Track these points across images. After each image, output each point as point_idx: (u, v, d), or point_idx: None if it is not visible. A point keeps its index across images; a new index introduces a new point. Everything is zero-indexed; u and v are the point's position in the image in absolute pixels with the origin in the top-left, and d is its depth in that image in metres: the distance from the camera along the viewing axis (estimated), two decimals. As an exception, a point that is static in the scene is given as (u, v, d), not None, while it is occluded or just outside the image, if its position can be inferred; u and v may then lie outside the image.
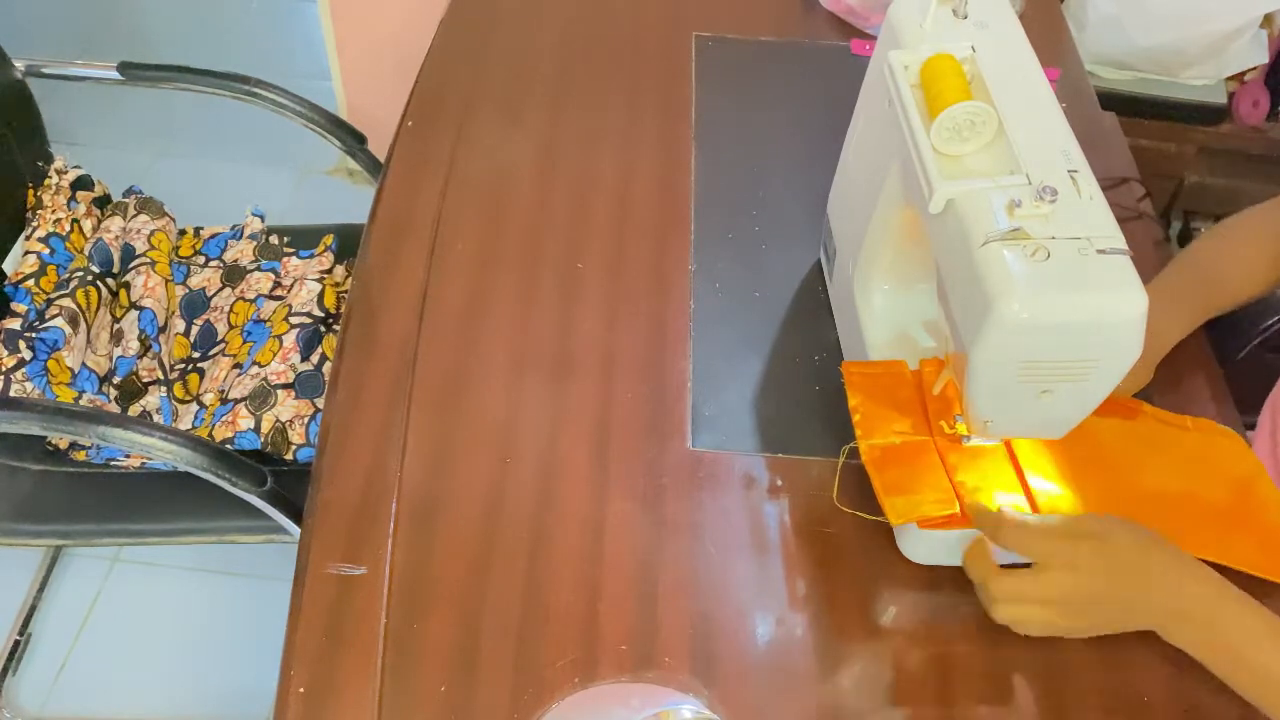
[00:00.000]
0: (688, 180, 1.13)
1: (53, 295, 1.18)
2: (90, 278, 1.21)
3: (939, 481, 0.80)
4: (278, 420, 1.11)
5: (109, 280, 1.25)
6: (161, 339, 1.22)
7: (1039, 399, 0.71)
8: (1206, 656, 0.73)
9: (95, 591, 1.57)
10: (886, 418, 0.83)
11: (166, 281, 1.27)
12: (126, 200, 1.34)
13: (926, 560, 0.83)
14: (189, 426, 1.15)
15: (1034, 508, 0.80)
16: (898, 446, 0.82)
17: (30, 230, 1.25)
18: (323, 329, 1.21)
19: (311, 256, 1.32)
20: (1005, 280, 0.66)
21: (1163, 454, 0.88)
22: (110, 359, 1.19)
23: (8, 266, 1.21)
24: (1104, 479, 0.83)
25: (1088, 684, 0.77)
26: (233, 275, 1.32)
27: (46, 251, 1.22)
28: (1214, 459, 0.89)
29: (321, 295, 1.23)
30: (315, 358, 1.18)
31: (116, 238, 1.28)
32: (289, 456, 1.11)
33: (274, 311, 1.24)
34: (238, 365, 1.20)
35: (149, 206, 1.33)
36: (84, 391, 1.13)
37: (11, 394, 1.09)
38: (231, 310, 1.28)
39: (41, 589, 1.55)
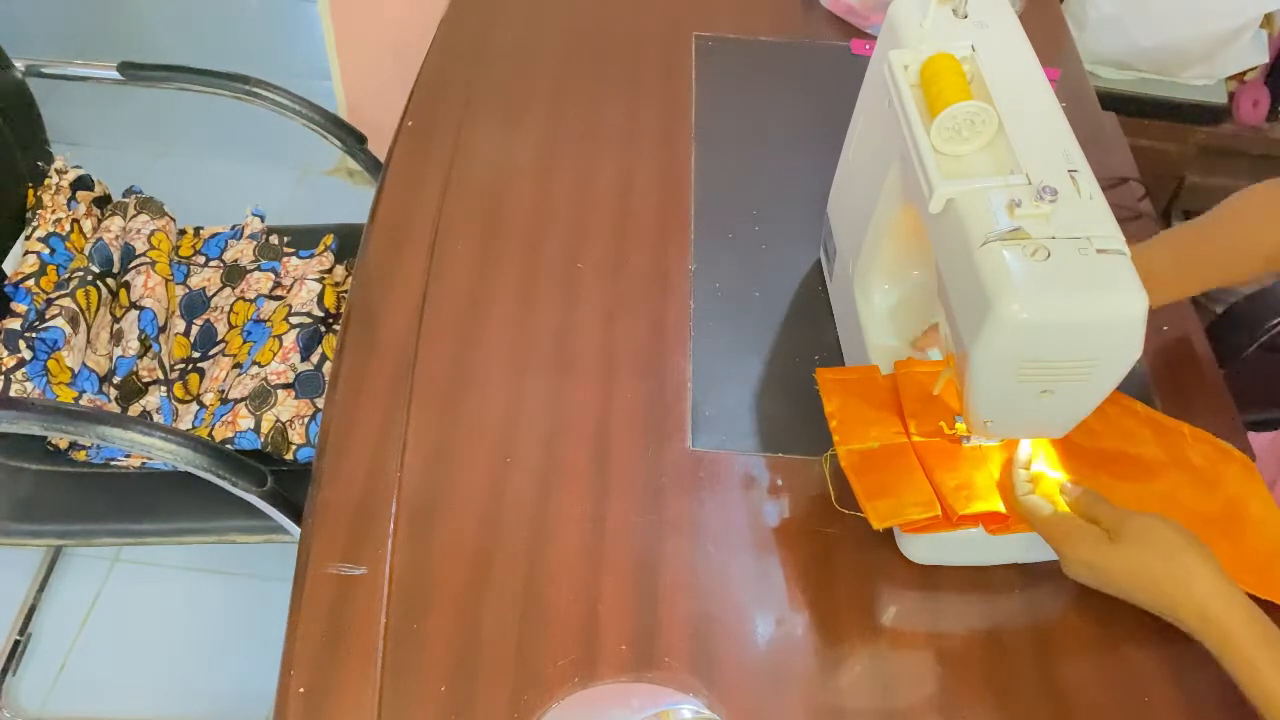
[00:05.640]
0: (688, 180, 1.13)
1: (53, 295, 1.18)
2: (90, 278, 1.21)
3: (919, 484, 0.80)
4: (278, 420, 1.11)
5: (109, 280, 1.25)
6: (161, 339, 1.22)
7: (1039, 399, 0.71)
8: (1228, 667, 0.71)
9: (95, 591, 1.56)
10: (863, 422, 0.83)
11: (166, 281, 1.27)
12: (126, 200, 1.34)
13: (926, 560, 0.83)
14: (189, 426, 1.15)
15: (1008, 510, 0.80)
16: (875, 451, 0.82)
17: (30, 230, 1.25)
18: (323, 329, 1.21)
19: (311, 256, 1.32)
20: (1005, 280, 0.66)
21: (1150, 454, 0.88)
22: (110, 359, 1.19)
23: (8, 266, 1.21)
24: (1083, 475, 0.83)
25: (1088, 684, 0.77)
26: (233, 275, 1.32)
27: (46, 251, 1.22)
28: (1206, 470, 0.88)
29: (321, 295, 1.23)
30: (315, 358, 1.18)
31: (116, 238, 1.28)
32: (289, 456, 1.11)
33: (274, 311, 1.24)
34: (238, 365, 1.20)
35: (149, 206, 1.33)
36: (84, 391, 1.13)
37: (11, 394, 1.09)
38: (231, 310, 1.28)
39: (41, 589, 1.55)
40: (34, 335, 1.13)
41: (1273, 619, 0.72)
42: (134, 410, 1.18)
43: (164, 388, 1.19)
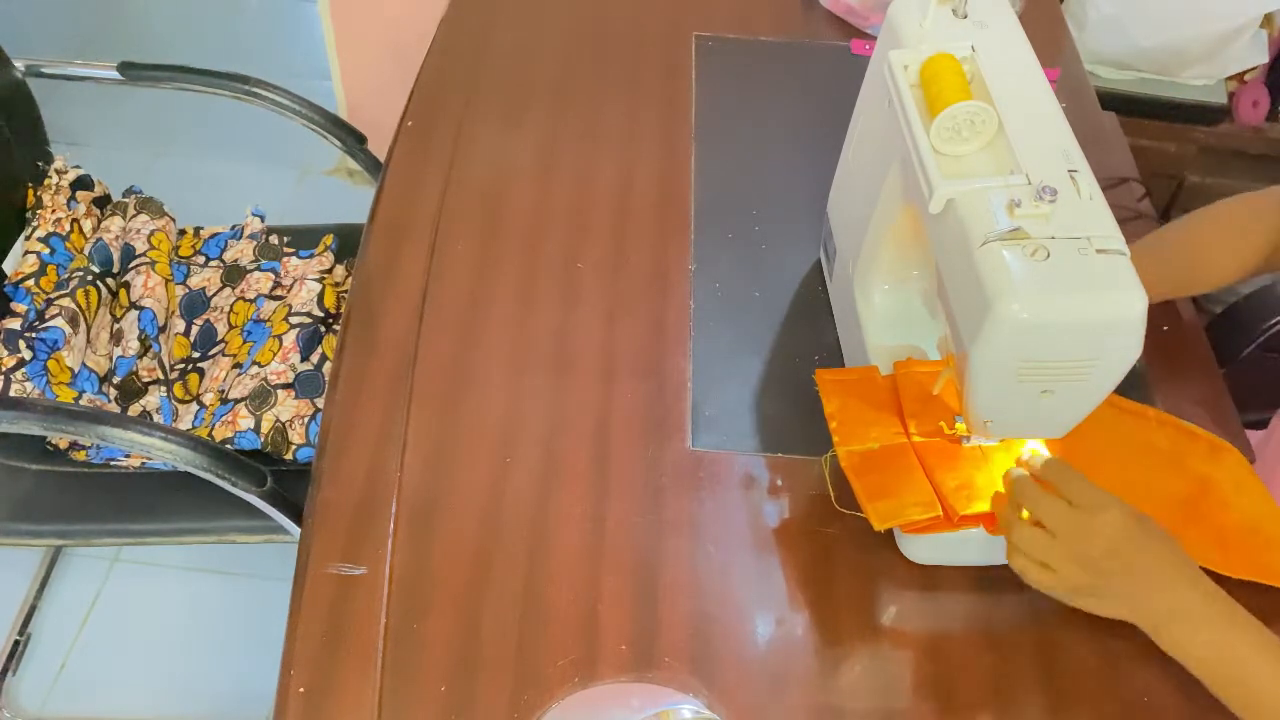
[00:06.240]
0: (688, 180, 1.13)
1: (53, 295, 1.18)
2: (90, 278, 1.21)
3: (919, 484, 0.80)
4: (277, 420, 1.11)
5: (109, 280, 1.25)
6: (161, 339, 1.22)
7: (1039, 399, 0.71)
8: (1202, 663, 0.72)
9: (95, 591, 1.57)
10: (863, 423, 0.83)
11: (166, 281, 1.27)
12: (126, 200, 1.34)
13: (926, 560, 0.83)
14: (189, 426, 1.15)
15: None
16: (875, 451, 0.82)
17: (30, 230, 1.25)
18: (323, 329, 1.21)
19: (311, 256, 1.32)
20: (1005, 280, 0.66)
21: (1119, 440, 0.88)
22: (110, 359, 1.19)
23: (8, 266, 1.21)
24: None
25: (1088, 683, 0.77)
26: (233, 275, 1.32)
27: (46, 251, 1.22)
28: (1173, 452, 0.88)
29: (321, 295, 1.23)
30: (315, 358, 1.18)
31: (116, 238, 1.28)
32: (289, 456, 1.11)
33: (274, 311, 1.24)
34: (238, 365, 1.20)
35: (149, 206, 1.33)
36: (84, 391, 1.13)
37: (11, 394, 1.09)
38: (231, 310, 1.28)
39: (41, 589, 1.55)
40: (34, 335, 1.13)
41: (1251, 595, 0.73)
42: (134, 410, 1.18)
43: (164, 388, 1.19)
